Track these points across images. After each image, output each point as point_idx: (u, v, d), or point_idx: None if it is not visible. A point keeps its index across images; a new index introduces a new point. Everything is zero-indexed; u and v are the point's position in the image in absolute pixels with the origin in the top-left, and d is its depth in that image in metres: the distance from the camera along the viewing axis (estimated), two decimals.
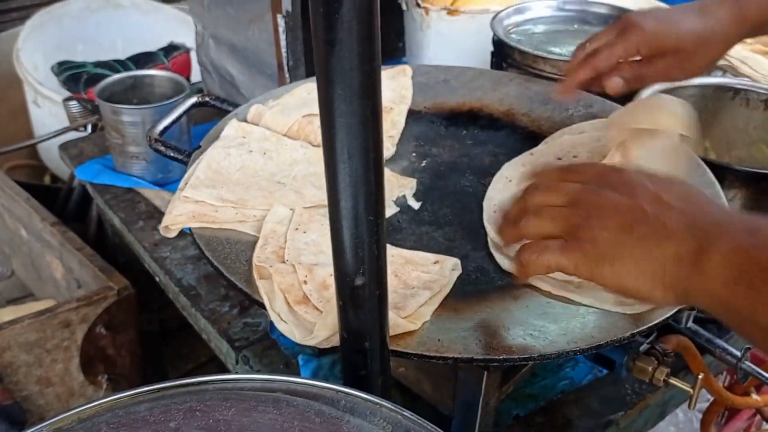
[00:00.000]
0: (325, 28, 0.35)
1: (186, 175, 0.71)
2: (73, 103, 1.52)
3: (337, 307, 0.48)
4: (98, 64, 1.52)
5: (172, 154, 0.76)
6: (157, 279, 1.06)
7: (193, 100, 0.85)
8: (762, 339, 0.43)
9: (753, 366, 0.82)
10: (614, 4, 1.09)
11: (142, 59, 1.56)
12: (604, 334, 0.56)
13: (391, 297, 0.57)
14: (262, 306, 0.58)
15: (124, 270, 1.25)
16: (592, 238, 0.48)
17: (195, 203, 0.68)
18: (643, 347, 0.71)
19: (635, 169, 0.53)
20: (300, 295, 0.57)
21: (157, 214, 1.12)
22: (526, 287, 0.62)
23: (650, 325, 0.57)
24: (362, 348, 0.48)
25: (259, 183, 0.73)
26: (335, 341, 0.53)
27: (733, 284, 0.42)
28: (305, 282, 0.58)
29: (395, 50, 1.62)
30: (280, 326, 0.57)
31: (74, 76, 1.47)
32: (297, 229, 0.66)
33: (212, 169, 0.72)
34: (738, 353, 0.83)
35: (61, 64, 1.54)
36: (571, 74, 0.77)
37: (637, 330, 0.56)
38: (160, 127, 0.78)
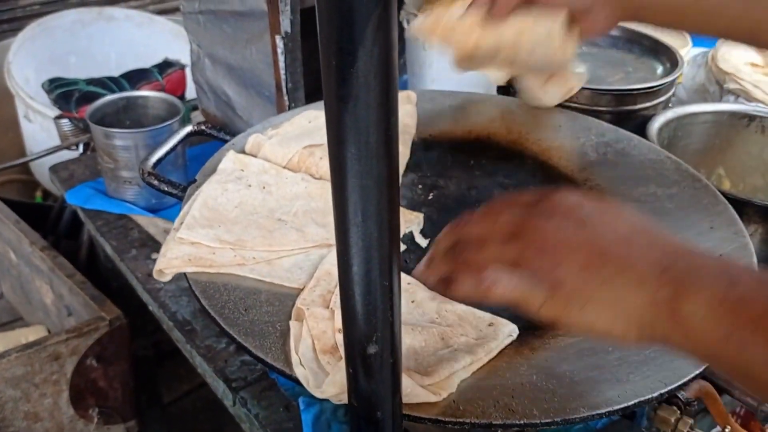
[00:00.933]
0: (338, 82, 0.32)
1: (181, 213, 0.67)
2: (65, 121, 1.48)
3: (346, 374, 0.44)
4: (90, 82, 1.48)
5: (166, 189, 0.72)
6: (150, 309, 1.02)
7: (188, 129, 0.81)
8: (762, 389, 0.40)
9: None
10: (623, 26, 1.06)
11: (136, 76, 1.52)
12: (632, 394, 0.52)
13: (426, 359, 0.53)
14: (262, 362, 0.54)
15: (117, 294, 1.21)
16: (557, 278, 0.44)
17: (191, 245, 0.64)
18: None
19: (575, 193, 0.48)
20: (329, 343, 0.53)
21: (150, 242, 1.07)
22: (540, 340, 0.58)
23: (685, 380, 0.53)
24: (373, 418, 0.44)
25: (258, 221, 0.69)
26: (345, 399, 0.49)
27: (723, 341, 0.39)
28: (340, 331, 0.54)
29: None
30: (297, 370, 0.53)
31: (65, 94, 1.44)
32: None
33: (208, 207, 0.68)
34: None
35: (52, 81, 1.50)
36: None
37: (670, 388, 0.53)
38: (153, 159, 0.74)
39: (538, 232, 0.45)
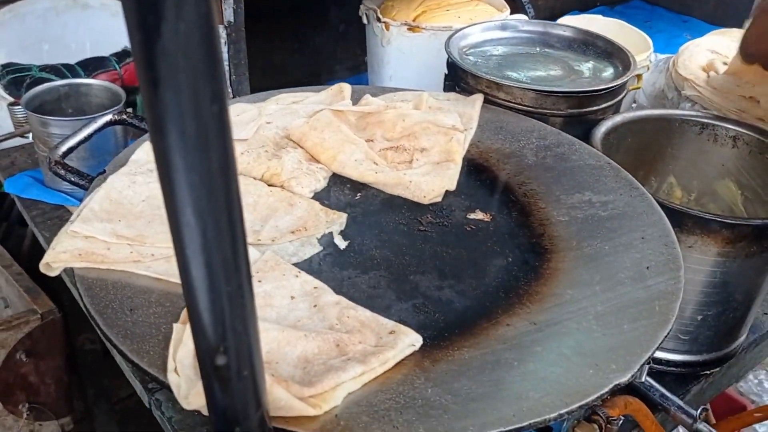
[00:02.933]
0: (145, 64, 0.28)
1: (80, 206, 0.64)
2: (18, 108, 1.44)
3: (203, 386, 0.40)
4: (44, 68, 1.44)
5: (73, 179, 0.68)
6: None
7: (108, 117, 0.77)
8: None
9: (710, 427, 0.76)
10: (579, 27, 1.03)
11: (93, 64, 1.48)
12: (529, 412, 0.49)
13: (315, 368, 0.50)
14: (137, 366, 0.50)
15: (62, 285, 1.17)
16: None
17: (84, 239, 0.60)
18: (584, 412, 0.65)
19: None
20: None
21: None
22: (444, 351, 0.55)
23: (589, 399, 0.50)
24: None
25: (164, 216, 0.65)
26: None
27: None
28: None
29: (361, 64, 1.55)
30: (170, 377, 0.50)
31: (16, 80, 1.39)
32: (254, 275, 0.59)
33: (111, 200, 0.64)
34: (694, 413, 0.76)
35: (5, 66, 1.46)
36: None
37: (571, 408, 0.50)
38: (64, 147, 0.71)
39: None
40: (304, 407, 0.47)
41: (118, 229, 0.62)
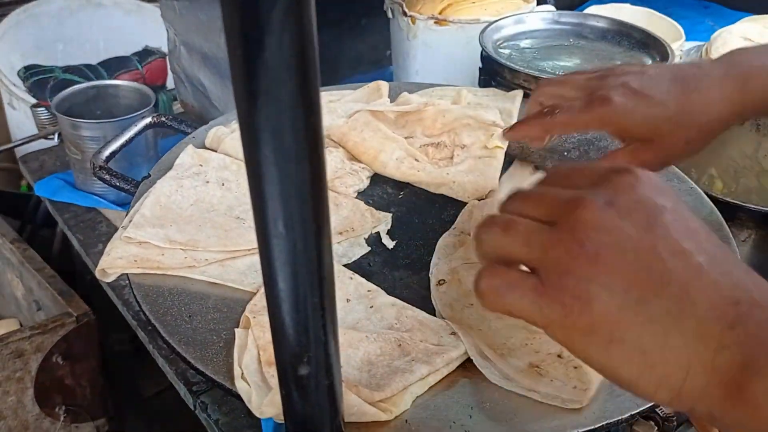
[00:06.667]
0: (245, 76, 0.28)
1: (131, 212, 0.63)
2: (41, 110, 1.43)
3: (280, 395, 0.40)
4: (67, 70, 1.43)
5: (117, 184, 0.68)
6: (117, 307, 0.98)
7: (147, 120, 0.77)
8: None
9: None
10: (613, 18, 1.01)
11: (115, 64, 1.48)
12: (599, 415, 0.48)
13: (380, 371, 0.49)
14: (202, 374, 0.50)
15: (92, 286, 1.17)
16: (585, 294, 0.31)
17: (138, 245, 0.60)
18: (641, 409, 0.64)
19: (656, 177, 0.35)
20: None
21: None
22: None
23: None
24: None
25: (215, 219, 0.65)
26: None
27: None
28: None
29: (382, 59, 1.54)
30: (239, 384, 0.49)
31: (40, 82, 1.39)
32: None
33: (161, 205, 0.64)
34: None
35: (27, 68, 1.46)
36: (522, 125, 0.64)
37: (641, 409, 0.49)
38: (106, 152, 0.70)
39: (583, 222, 0.32)
40: (376, 413, 0.46)
41: (171, 234, 0.61)
